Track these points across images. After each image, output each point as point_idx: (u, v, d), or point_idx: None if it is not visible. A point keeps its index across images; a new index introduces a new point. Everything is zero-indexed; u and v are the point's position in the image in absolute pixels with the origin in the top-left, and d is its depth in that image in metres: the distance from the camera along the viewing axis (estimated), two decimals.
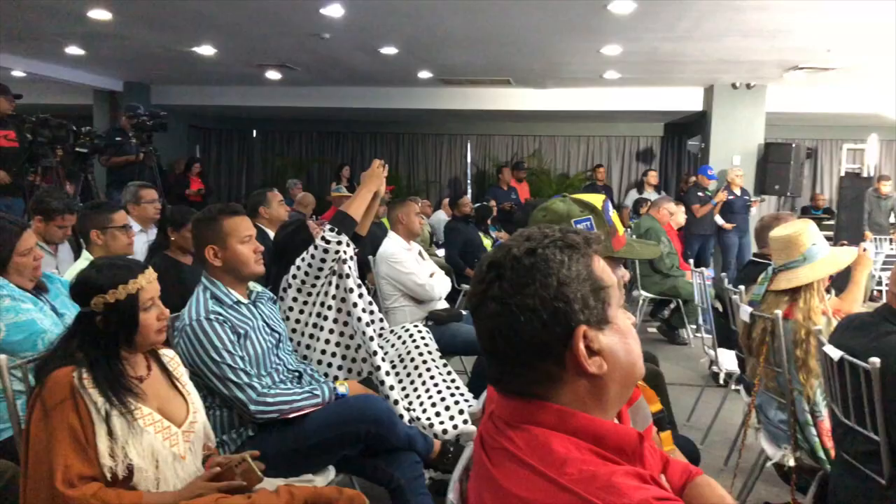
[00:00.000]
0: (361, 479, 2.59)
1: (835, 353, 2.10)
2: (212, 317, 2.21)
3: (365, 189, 2.96)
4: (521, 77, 9.27)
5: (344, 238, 2.78)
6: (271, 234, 4.21)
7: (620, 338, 0.99)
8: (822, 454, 2.50)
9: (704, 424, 4.01)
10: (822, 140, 11.48)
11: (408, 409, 2.77)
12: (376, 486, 2.43)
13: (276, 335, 2.44)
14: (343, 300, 2.81)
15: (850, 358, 2.03)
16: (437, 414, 2.79)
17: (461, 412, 2.78)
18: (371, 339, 2.74)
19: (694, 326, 6.11)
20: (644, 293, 6.44)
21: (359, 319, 2.76)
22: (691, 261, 6.39)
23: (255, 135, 13.45)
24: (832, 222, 9.80)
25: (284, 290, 2.85)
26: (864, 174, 9.79)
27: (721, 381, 4.26)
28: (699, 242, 8.61)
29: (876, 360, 1.91)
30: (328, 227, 2.79)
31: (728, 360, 4.04)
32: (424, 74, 9.18)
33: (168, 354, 1.91)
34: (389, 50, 7.70)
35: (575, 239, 1.00)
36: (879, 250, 8.87)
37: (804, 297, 2.53)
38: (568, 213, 1.48)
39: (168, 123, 6.38)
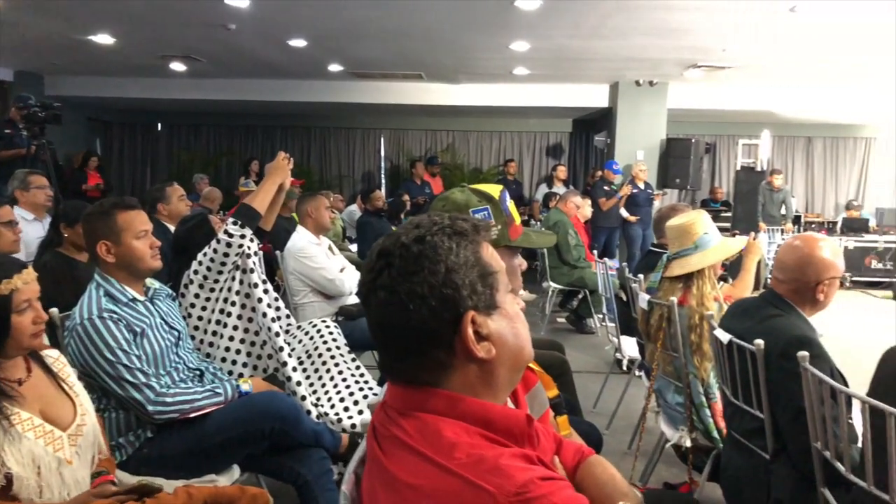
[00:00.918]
0: (269, 477, 2.55)
1: (724, 337, 2.21)
2: (105, 315, 2.12)
3: (269, 181, 2.90)
4: (433, 72, 9.31)
5: (248, 232, 2.72)
6: (172, 228, 4.07)
7: (509, 322, 1.01)
8: (715, 434, 2.63)
9: (610, 410, 4.13)
10: (719, 136, 12.04)
11: (316, 405, 2.74)
12: (284, 484, 2.39)
13: (176, 333, 2.36)
14: (247, 295, 2.74)
15: (738, 341, 2.14)
16: (346, 409, 2.77)
17: (370, 406, 2.77)
18: (277, 334, 2.69)
19: (600, 315, 6.29)
20: (553, 284, 6.59)
21: (264, 315, 2.71)
22: (596, 252, 6.58)
23: (160, 128, 12.95)
24: (729, 214, 10.30)
25: (186, 286, 2.76)
26: (758, 168, 10.32)
27: (624, 368, 4.41)
28: (605, 234, 8.90)
29: (760, 342, 2.02)
30: (231, 220, 2.72)
31: (630, 346, 4.18)
32: (335, 68, 9.08)
33: (52, 355, 1.81)
34: (298, 42, 7.57)
35: (463, 226, 1.01)
36: (772, 240, 9.39)
37: (697, 284, 2.66)
38: (466, 202, 1.49)
39: (64, 116, 6.05)
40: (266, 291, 2.81)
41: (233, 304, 2.73)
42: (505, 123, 12.33)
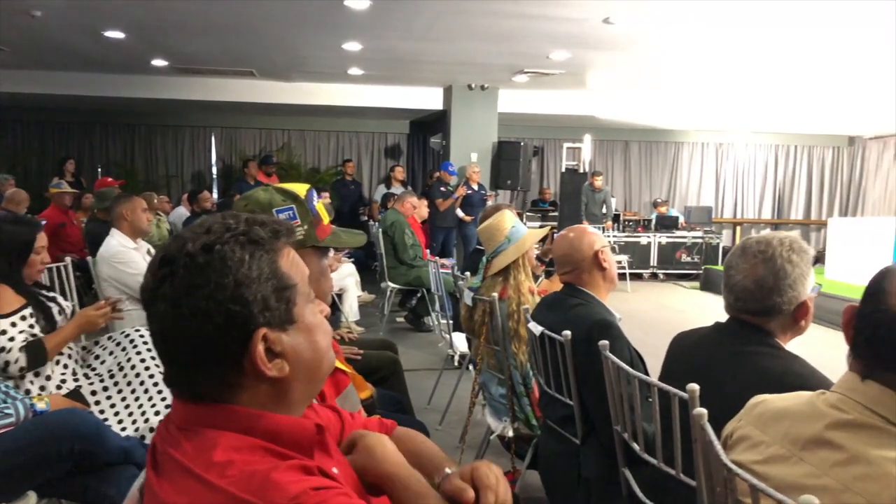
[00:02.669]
0: (72, 502, 2.34)
1: (536, 329, 2.32)
2: None
3: (75, 330, 2.61)
4: (265, 69, 9.05)
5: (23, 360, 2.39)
6: None
7: (306, 336, 0.96)
8: (534, 422, 2.75)
9: (444, 406, 4.22)
10: (547, 139, 12.67)
11: (130, 419, 2.56)
12: None
13: None
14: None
15: (549, 332, 2.25)
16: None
17: None
18: (84, 347, 2.49)
19: (437, 313, 6.40)
20: (391, 284, 6.62)
21: None
22: (429, 251, 6.70)
23: None
24: (556, 213, 10.87)
25: None
26: (581, 170, 10.98)
27: (456, 364, 4.51)
28: (443, 234, 9.09)
29: (567, 333, 2.13)
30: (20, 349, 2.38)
31: (462, 343, 4.28)
32: (159, 62, 8.58)
33: None
34: (115, 34, 7.08)
35: (259, 234, 0.93)
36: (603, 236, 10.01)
37: (513, 275, 2.80)
38: (269, 202, 1.45)
39: None
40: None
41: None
42: (342, 123, 12.23)
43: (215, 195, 11.20)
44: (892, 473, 1.00)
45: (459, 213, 9.00)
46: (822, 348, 2.26)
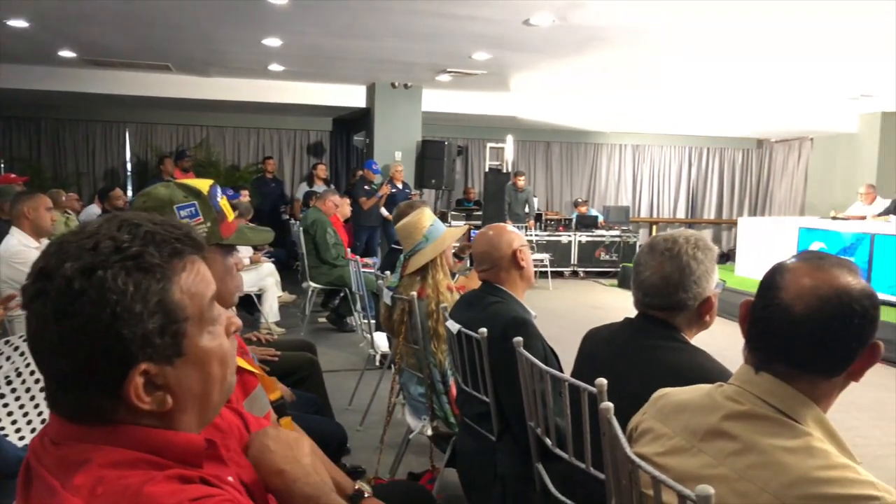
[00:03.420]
0: None
1: (454, 327, 2.32)
2: None
3: None
4: (182, 63, 8.75)
5: None
6: None
7: (197, 367, 0.88)
8: (453, 420, 2.75)
9: (365, 406, 4.18)
10: (471, 139, 12.75)
11: (29, 427, 2.43)
12: None
13: None
14: None
15: (466, 330, 2.25)
16: None
17: None
18: None
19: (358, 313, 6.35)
20: (313, 284, 6.52)
21: None
22: (350, 250, 6.64)
23: None
24: (481, 213, 10.96)
25: None
26: (504, 170, 11.10)
27: (377, 363, 4.48)
28: (367, 233, 9.04)
29: (484, 331, 2.14)
30: None
31: (384, 342, 4.26)
32: (67, 53, 8.17)
33: None
34: (18, 22, 6.69)
35: (151, 260, 0.82)
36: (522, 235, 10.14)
37: (431, 274, 2.80)
38: (170, 198, 1.39)
39: None
40: None
41: None
42: (263, 120, 11.98)
43: (130, 193, 10.79)
44: (782, 461, 1.04)
45: (384, 211, 8.96)
46: (730, 341, 2.34)
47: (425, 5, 5.80)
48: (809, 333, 1.09)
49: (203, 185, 1.43)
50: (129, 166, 11.72)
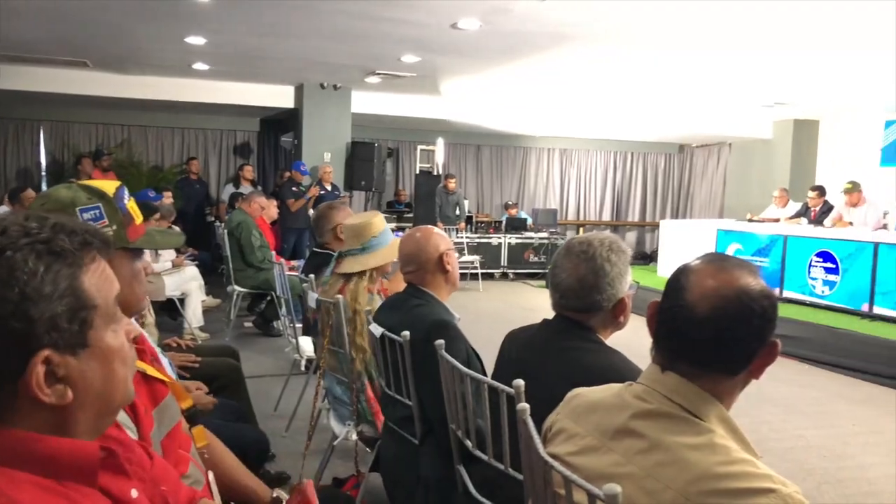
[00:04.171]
0: None
1: (377, 330, 2.31)
2: None
3: None
4: (100, 60, 8.44)
5: None
6: None
7: (101, 363, 0.87)
8: (370, 418, 2.74)
9: (290, 412, 4.11)
10: (402, 141, 12.72)
11: None
12: None
13: None
14: None
15: (389, 333, 2.24)
16: None
17: None
18: None
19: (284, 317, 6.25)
20: (238, 288, 6.38)
21: None
22: (276, 252, 6.54)
23: None
24: (412, 215, 10.96)
25: None
26: (435, 172, 11.13)
27: (303, 368, 4.42)
28: (295, 235, 8.90)
29: (406, 334, 2.14)
30: None
31: (309, 346, 4.19)
32: None
33: None
34: None
35: (62, 245, 0.83)
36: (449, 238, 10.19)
37: (355, 280, 2.76)
38: (73, 200, 1.33)
39: None
40: None
41: None
42: (188, 120, 11.65)
43: None
44: (685, 458, 1.07)
45: (312, 213, 8.84)
46: (648, 341, 2.41)
47: (353, 6, 5.76)
48: (712, 333, 1.13)
49: (109, 186, 1.37)
50: (43, 166, 11.20)
